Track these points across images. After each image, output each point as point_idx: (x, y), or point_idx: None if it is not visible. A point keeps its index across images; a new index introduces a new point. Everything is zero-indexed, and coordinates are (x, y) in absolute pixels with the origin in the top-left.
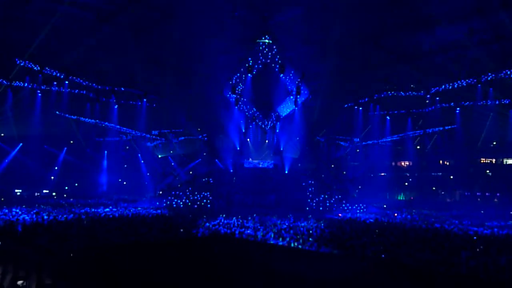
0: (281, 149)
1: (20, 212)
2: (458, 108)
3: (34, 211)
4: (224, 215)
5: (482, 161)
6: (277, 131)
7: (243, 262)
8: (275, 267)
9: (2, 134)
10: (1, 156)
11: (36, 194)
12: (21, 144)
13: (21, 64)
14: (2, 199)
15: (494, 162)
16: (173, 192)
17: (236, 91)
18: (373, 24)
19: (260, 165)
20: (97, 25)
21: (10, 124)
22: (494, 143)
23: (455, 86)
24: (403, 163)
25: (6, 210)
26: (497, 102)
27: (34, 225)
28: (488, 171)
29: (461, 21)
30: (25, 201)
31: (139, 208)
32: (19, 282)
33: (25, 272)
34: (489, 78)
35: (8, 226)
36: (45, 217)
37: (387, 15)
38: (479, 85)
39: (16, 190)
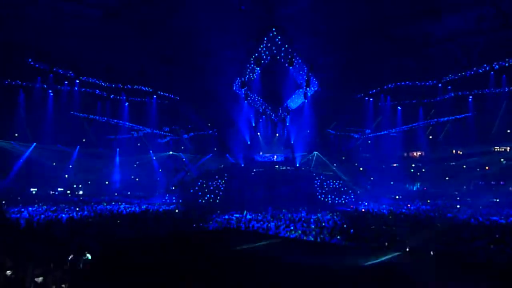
0: (292, 142)
1: (37, 211)
2: (470, 97)
3: (51, 209)
4: (236, 209)
5: (495, 150)
6: (287, 124)
7: (253, 256)
8: (288, 260)
9: (16, 135)
10: (15, 157)
11: (51, 192)
12: (34, 144)
13: (32, 64)
14: (19, 198)
15: (508, 150)
16: (185, 188)
17: (245, 85)
18: (381, 13)
19: (272, 159)
20: (104, 23)
21: (23, 124)
22: (508, 131)
23: (467, 74)
24: (415, 153)
25: (23, 209)
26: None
27: (51, 222)
28: (502, 160)
29: (469, 8)
30: (41, 200)
31: (157, 203)
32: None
33: (44, 268)
34: (502, 65)
35: (27, 224)
36: (62, 214)
37: (395, 4)
38: (491, 72)
39: (32, 189)
